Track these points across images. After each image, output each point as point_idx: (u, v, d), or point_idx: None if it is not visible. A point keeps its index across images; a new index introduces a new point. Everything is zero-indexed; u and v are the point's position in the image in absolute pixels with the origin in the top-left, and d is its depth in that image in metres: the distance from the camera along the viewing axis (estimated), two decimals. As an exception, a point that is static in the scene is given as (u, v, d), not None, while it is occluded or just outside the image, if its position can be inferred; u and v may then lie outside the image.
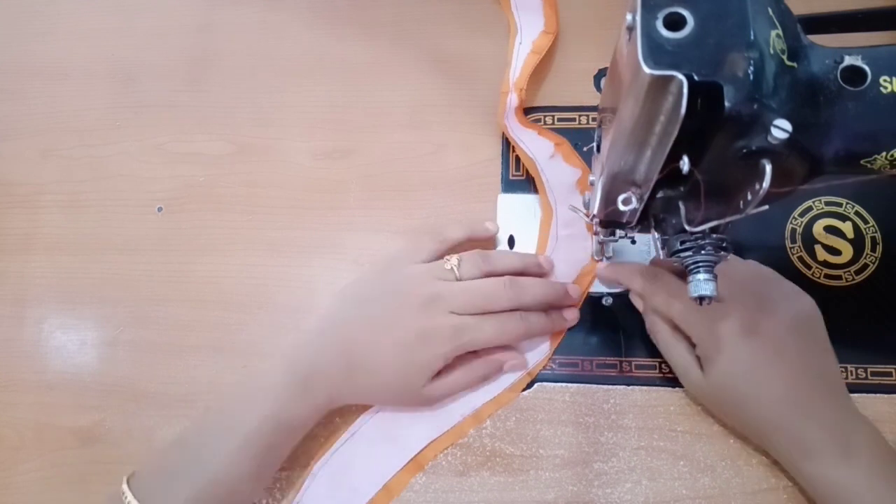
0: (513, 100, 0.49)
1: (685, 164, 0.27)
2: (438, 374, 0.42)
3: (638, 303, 0.44)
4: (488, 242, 0.48)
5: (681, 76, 0.24)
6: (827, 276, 0.45)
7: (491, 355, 0.44)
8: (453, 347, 0.41)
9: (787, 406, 0.38)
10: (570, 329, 0.46)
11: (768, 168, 0.26)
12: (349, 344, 0.42)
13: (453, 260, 0.43)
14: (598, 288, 0.46)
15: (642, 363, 0.44)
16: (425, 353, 0.41)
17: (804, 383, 0.38)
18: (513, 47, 0.51)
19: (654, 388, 0.44)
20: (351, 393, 0.43)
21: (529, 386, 0.45)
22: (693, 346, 0.40)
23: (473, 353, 0.43)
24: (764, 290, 0.40)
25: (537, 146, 0.48)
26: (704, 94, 0.25)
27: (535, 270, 0.45)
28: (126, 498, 0.38)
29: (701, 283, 0.34)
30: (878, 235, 0.45)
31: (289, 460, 0.43)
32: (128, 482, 0.39)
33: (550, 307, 0.45)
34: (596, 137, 0.37)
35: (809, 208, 0.46)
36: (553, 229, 0.47)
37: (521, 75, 0.50)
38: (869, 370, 0.43)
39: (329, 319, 0.44)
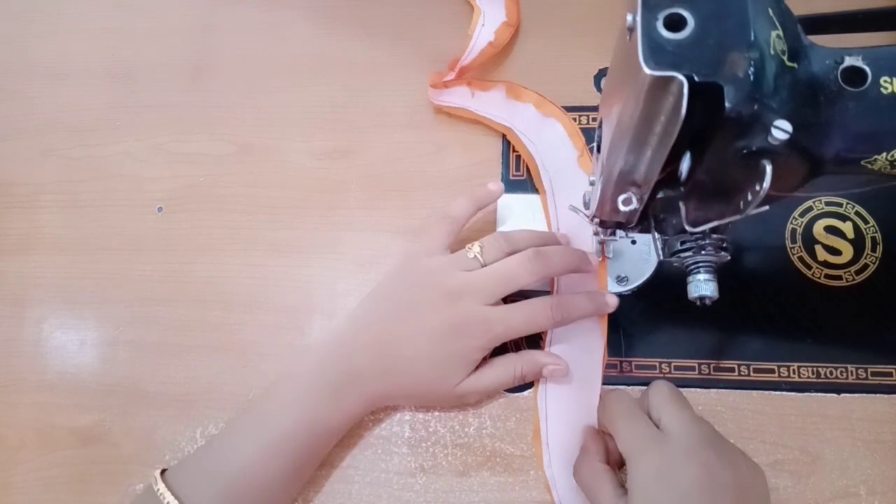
0: (449, 77, 0.50)
1: (685, 165, 0.27)
2: (474, 370, 0.42)
3: (583, 438, 0.41)
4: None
5: (681, 77, 0.24)
6: (827, 277, 0.45)
7: (532, 357, 0.43)
8: (488, 339, 0.41)
9: None
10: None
11: (768, 168, 0.26)
12: (385, 344, 0.41)
13: (475, 248, 0.42)
14: (598, 288, 0.46)
15: (642, 363, 0.44)
16: (461, 346, 0.40)
17: None
18: (475, 27, 0.52)
19: (655, 388, 0.44)
20: (387, 394, 0.42)
21: (530, 386, 0.45)
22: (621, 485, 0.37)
23: (514, 352, 0.43)
24: (722, 450, 0.35)
25: (457, 97, 0.51)
26: (705, 95, 0.25)
27: (553, 241, 0.44)
28: (159, 491, 0.38)
29: (701, 284, 0.34)
30: (879, 235, 0.45)
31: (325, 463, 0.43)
32: (161, 478, 0.39)
33: (576, 271, 0.44)
34: (596, 137, 0.37)
35: (810, 208, 0.46)
36: (533, 153, 0.48)
37: (475, 63, 0.51)
38: (869, 370, 0.43)
39: (361, 321, 0.43)
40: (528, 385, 0.45)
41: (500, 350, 0.44)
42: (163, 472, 0.40)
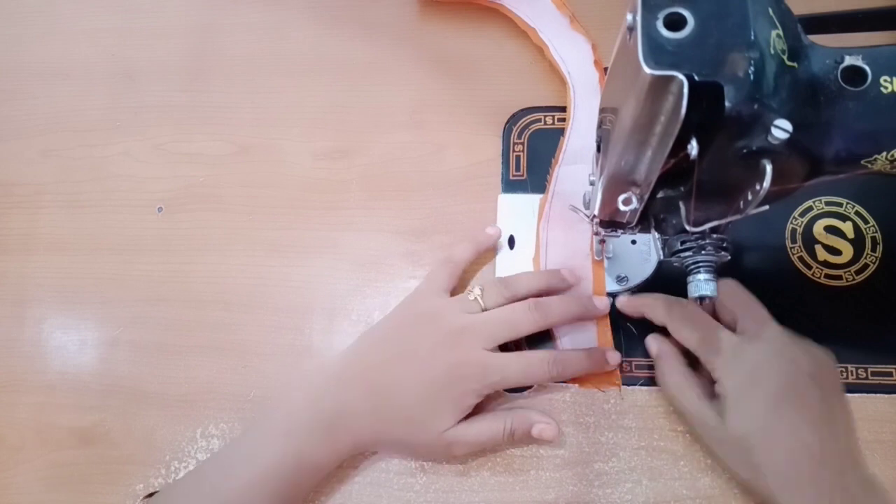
0: None
1: (693, 148, 0.27)
2: (465, 419, 0.41)
3: (652, 346, 0.43)
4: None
5: (681, 76, 0.24)
6: (827, 276, 0.45)
7: (524, 415, 0.42)
8: (483, 385, 0.40)
9: (796, 468, 0.35)
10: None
11: (769, 168, 0.26)
12: (376, 382, 0.41)
13: (476, 290, 0.43)
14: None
15: (642, 363, 0.44)
16: (455, 389, 0.40)
17: (818, 446, 0.35)
18: None
19: (655, 388, 0.44)
20: (375, 437, 0.42)
21: (530, 385, 0.45)
22: (710, 391, 0.39)
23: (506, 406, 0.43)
24: (799, 343, 0.38)
25: None
26: (705, 94, 0.25)
27: (558, 286, 0.44)
28: None
29: (702, 283, 0.34)
30: (879, 235, 0.45)
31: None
32: None
33: (579, 319, 0.44)
34: (596, 137, 0.37)
35: (810, 208, 0.46)
36: (528, 20, 0.52)
37: None
38: (869, 370, 0.43)
39: (356, 358, 0.43)
40: (528, 385, 0.45)
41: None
42: (149, 495, 0.40)
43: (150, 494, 0.40)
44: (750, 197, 0.28)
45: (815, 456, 0.35)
